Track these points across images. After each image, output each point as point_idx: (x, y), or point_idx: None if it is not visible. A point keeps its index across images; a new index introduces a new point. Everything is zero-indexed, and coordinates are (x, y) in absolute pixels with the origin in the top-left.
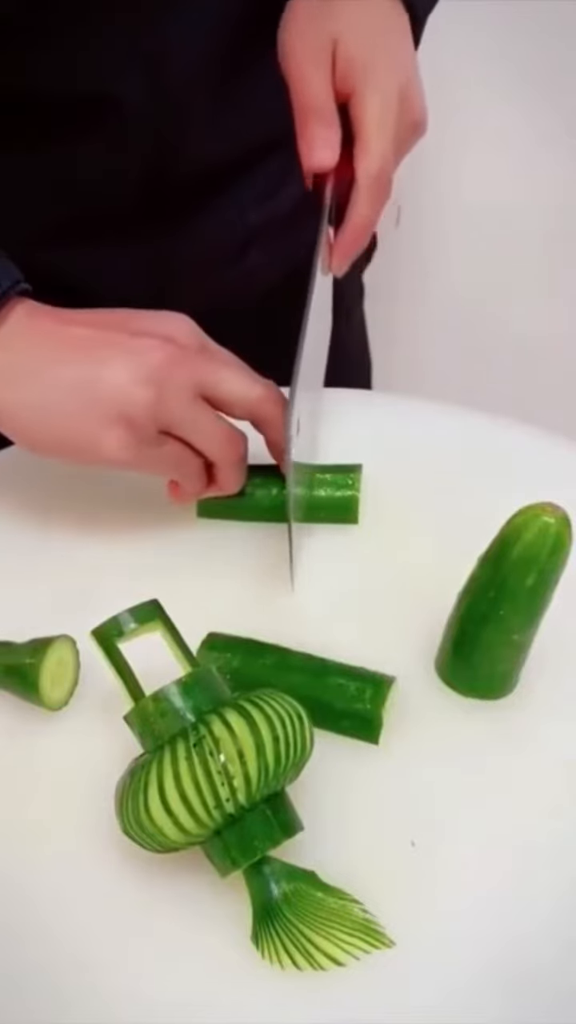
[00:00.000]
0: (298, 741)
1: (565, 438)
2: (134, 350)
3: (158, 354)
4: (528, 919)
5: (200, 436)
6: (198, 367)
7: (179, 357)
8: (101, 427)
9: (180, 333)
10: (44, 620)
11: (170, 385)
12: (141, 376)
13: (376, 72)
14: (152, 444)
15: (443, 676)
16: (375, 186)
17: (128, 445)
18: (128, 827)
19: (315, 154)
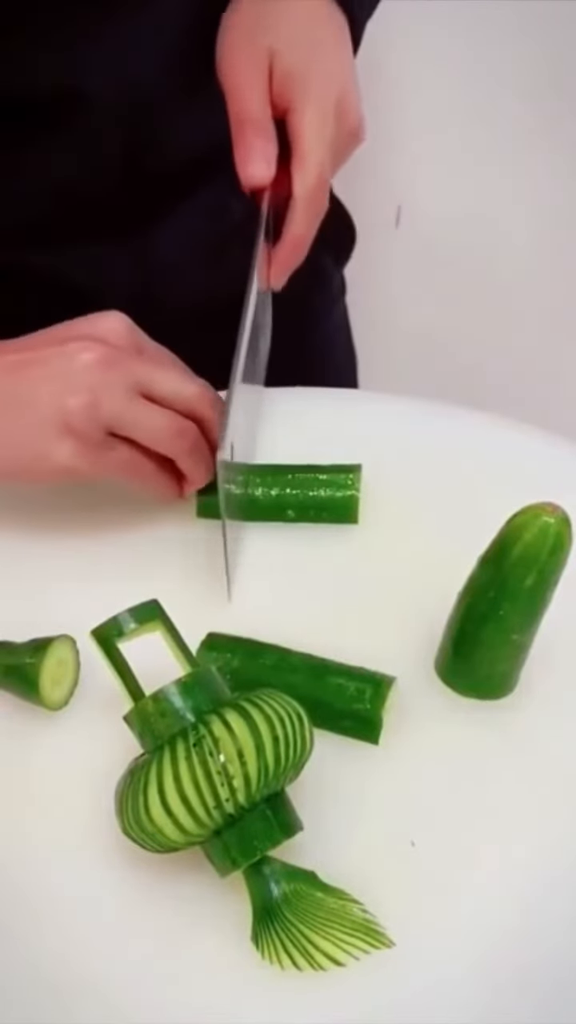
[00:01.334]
0: (298, 741)
1: (565, 438)
2: (64, 356)
3: (87, 356)
4: (528, 918)
5: (144, 432)
6: (130, 366)
7: (110, 357)
8: (49, 443)
9: (112, 333)
10: (44, 620)
11: (104, 386)
12: (73, 384)
13: (312, 85)
14: (104, 447)
15: (443, 676)
16: (311, 200)
17: (79, 453)
18: (128, 827)
19: (251, 169)
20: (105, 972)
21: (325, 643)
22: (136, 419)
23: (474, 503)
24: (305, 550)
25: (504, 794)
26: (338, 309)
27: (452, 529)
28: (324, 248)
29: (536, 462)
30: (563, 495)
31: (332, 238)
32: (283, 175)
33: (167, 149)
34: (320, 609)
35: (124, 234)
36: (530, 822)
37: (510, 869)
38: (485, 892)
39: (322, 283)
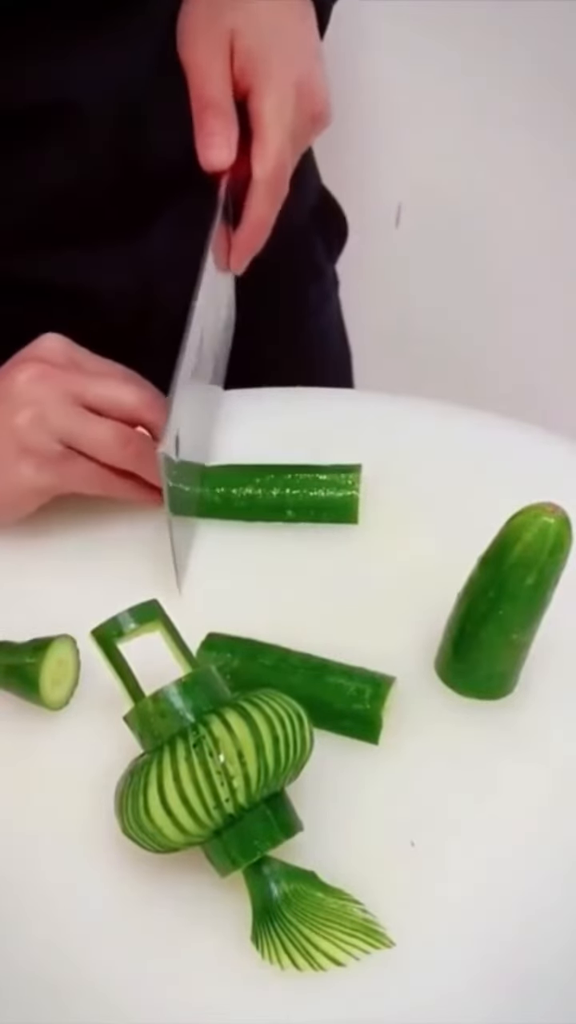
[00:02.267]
0: (298, 741)
1: (565, 438)
2: (6, 379)
3: (24, 374)
4: (527, 918)
5: (88, 443)
6: (66, 378)
7: (46, 372)
8: (11, 467)
9: (48, 352)
10: (44, 620)
11: (43, 400)
12: (16, 403)
13: (272, 66)
14: (64, 461)
15: (443, 676)
16: (272, 184)
17: (41, 468)
18: (128, 827)
19: (211, 153)
20: (105, 972)
21: (325, 643)
22: (80, 430)
23: (474, 503)
24: (305, 550)
25: (504, 794)
26: (332, 304)
27: (452, 529)
28: (317, 241)
29: (536, 462)
30: (563, 495)
31: (324, 230)
32: (244, 157)
33: (161, 151)
34: (320, 609)
35: (122, 237)
36: (531, 822)
37: (510, 869)
38: (485, 892)
39: (315, 276)
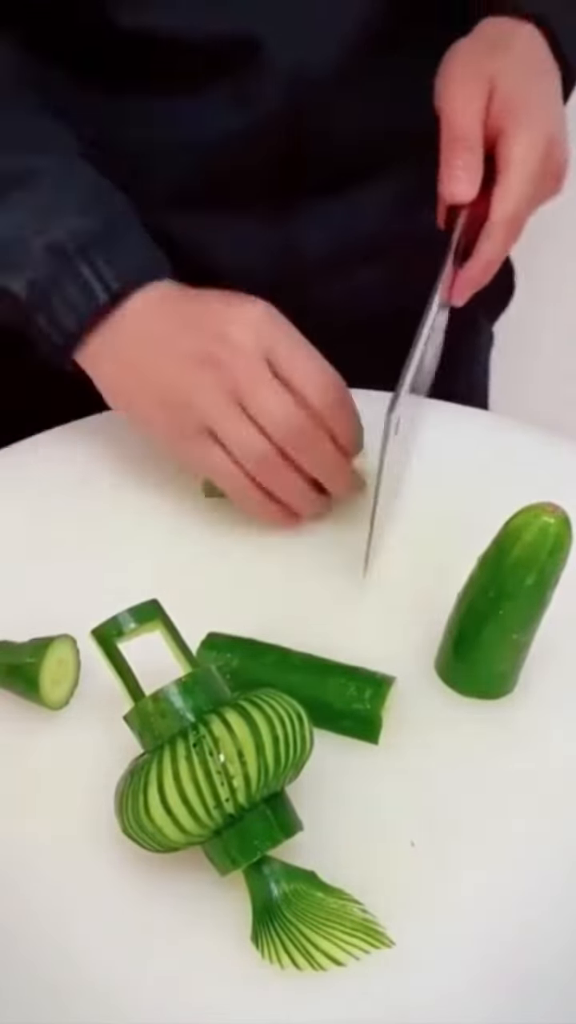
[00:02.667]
0: (298, 741)
1: (566, 439)
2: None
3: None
4: (527, 918)
5: (229, 441)
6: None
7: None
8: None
9: (236, 328)
10: (44, 620)
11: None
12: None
13: (529, 114)
14: (203, 443)
15: (443, 676)
16: (509, 226)
17: (170, 432)
18: (128, 827)
19: (454, 185)
20: (104, 971)
21: (325, 643)
22: (224, 426)
23: (474, 503)
24: (305, 550)
25: (504, 794)
26: (479, 363)
27: (452, 529)
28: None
29: (537, 462)
30: (563, 495)
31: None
32: (481, 200)
33: (335, 133)
34: (320, 608)
35: (275, 216)
36: (531, 822)
37: (511, 869)
38: (485, 892)
39: (470, 334)
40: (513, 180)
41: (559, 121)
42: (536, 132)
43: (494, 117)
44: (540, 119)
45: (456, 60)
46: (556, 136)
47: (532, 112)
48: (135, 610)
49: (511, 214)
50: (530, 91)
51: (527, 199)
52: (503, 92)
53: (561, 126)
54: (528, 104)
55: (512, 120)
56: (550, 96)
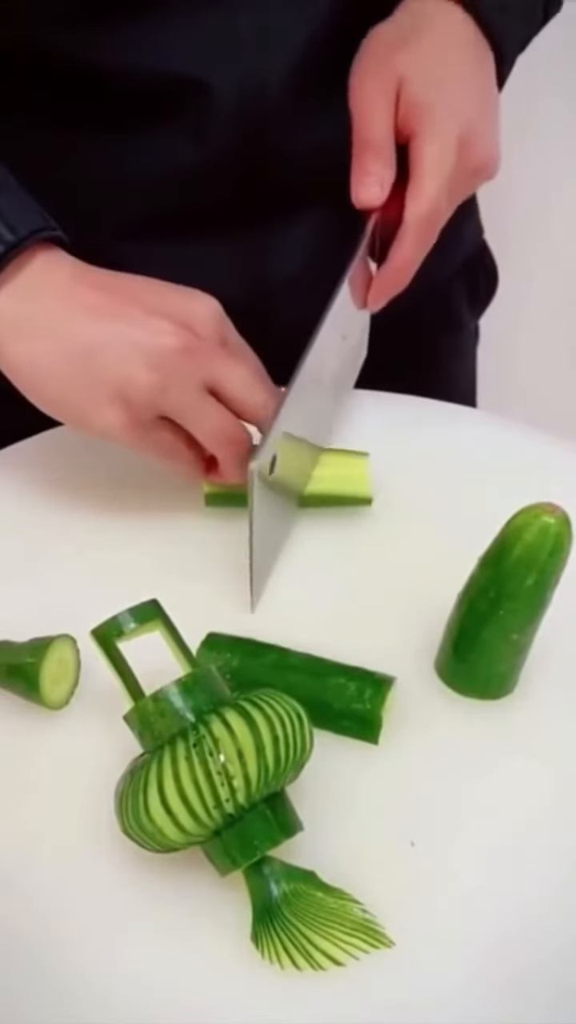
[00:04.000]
0: (298, 741)
1: (565, 438)
2: (147, 330)
3: (169, 340)
4: (527, 918)
5: (201, 430)
6: (208, 361)
7: (191, 347)
8: (97, 402)
9: (199, 320)
10: (44, 619)
11: (175, 374)
12: (145, 360)
13: (436, 116)
14: (148, 428)
15: (443, 676)
16: (422, 230)
17: (123, 425)
18: (128, 827)
19: (363, 191)
20: (104, 971)
21: (325, 643)
22: (198, 415)
23: (474, 503)
24: (306, 550)
25: (504, 794)
26: (465, 358)
27: (452, 529)
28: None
29: (537, 462)
30: (563, 495)
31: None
32: (398, 199)
33: (289, 155)
34: (321, 608)
35: (237, 244)
36: (531, 822)
37: (511, 869)
38: (485, 892)
39: (452, 327)
40: (424, 183)
41: (479, 113)
42: (447, 131)
43: (403, 120)
44: (450, 118)
45: (367, 55)
46: (474, 131)
47: (442, 113)
48: (135, 610)
49: (423, 215)
50: (440, 89)
51: (441, 201)
52: (411, 91)
53: (483, 116)
54: (437, 105)
55: (420, 121)
56: (467, 88)
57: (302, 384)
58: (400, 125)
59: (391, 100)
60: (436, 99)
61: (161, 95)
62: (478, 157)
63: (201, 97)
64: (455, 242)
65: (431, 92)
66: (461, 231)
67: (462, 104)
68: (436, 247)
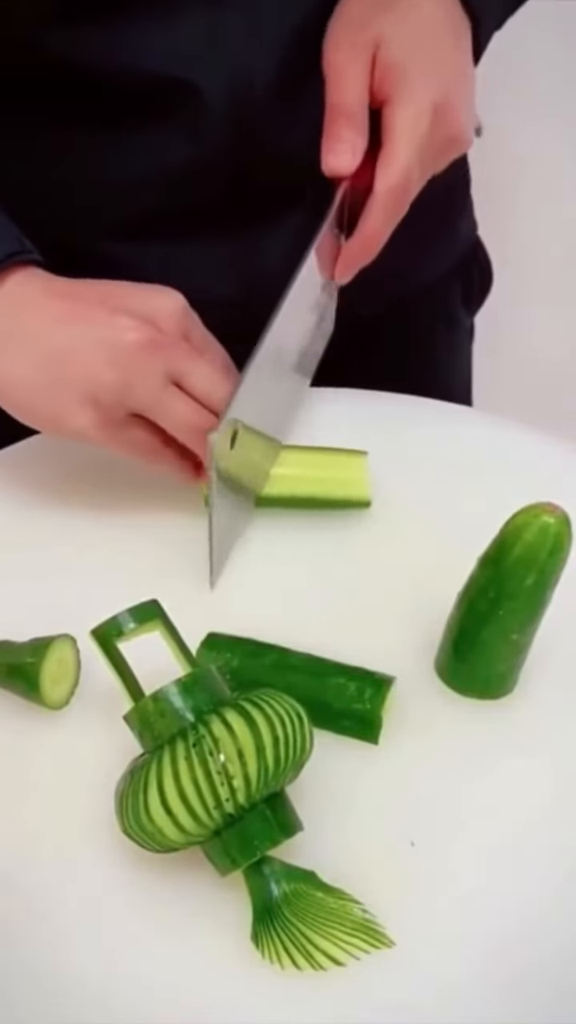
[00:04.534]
0: (298, 741)
1: (565, 438)
2: (111, 328)
3: (131, 335)
4: (527, 918)
5: (169, 422)
6: (171, 355)
7: (155, 342)
8: (70, 405)
9: (162, 315)
10: (44, 619)
11: (139, 369)
12: (109, 358)
13: (412, 81)
14: (120, 427)
15: (443, 676)
16: (392, 199)
17: (96, 425)
18: (128, 827)
19: (334, 158)
20: (104, 971)
21: (325, 643)
22: (165, 409)
23: (474, 503)
24: (305, 550)
25: (504, 794)
26: (460, 355)
27: (452, 529)
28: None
29: (536, 462)
30: (563, 495)
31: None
32: (370, 167)
33: (282, 153)
34: (321, 608)
35: (233, 241)
36: (531, 822)
37: (511, 869)
38: (485, 892)
39: (447, 324)
40: (397, 151)
41: (453, 81)
42: (421, 100)
43: (378, 84)
44: (426, 85)
45: (341, 21)
46: (449, 99)
47: (417, 78)
48: (135, 610)
49: (393, 184)
50: (417, 54)
51: (413, 170)
52: (386, 58)
53: (458, 87)
54: (413, 69)
55: (395, 88)
56: (443, 56)
57: (266, 357)
58: (375, 89)
59: (366, 65)
60: (412, 64)
61: (152, 95)
62: (453, 127)
63: (192, 96)
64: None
65: (407, 56)
66: (456, 227)
67: (439, 71)
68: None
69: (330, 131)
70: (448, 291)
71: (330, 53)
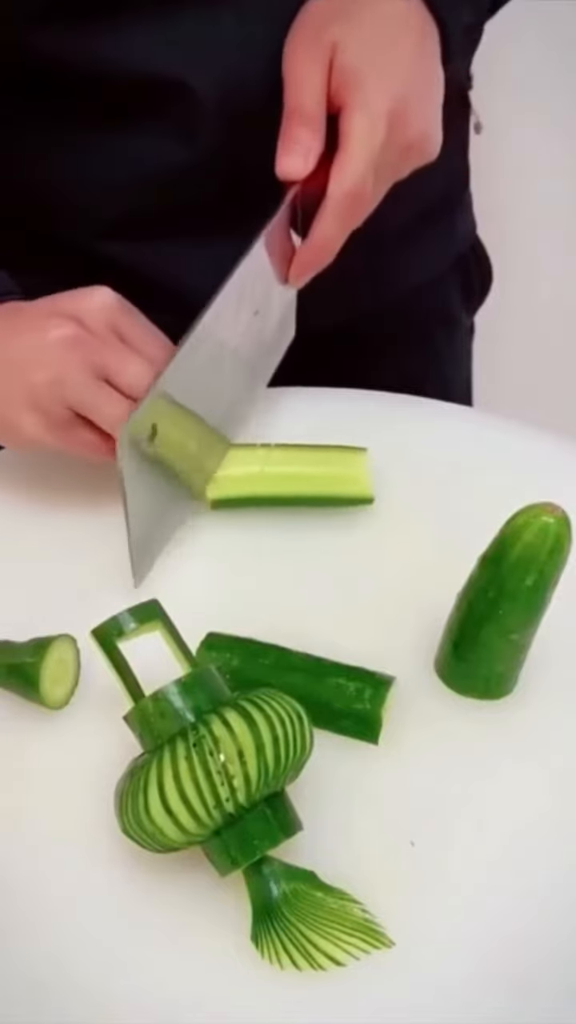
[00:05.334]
0: (298, 741)
1: (565, 438)
2: (37, 330)
3: (54, 333)
4: (527, 918)
5: (101, 417)
6: (97, 350)
7: (77, 337)
8: (18, 414)
9: (89, 313)
10: (44, 620)
11: (65, 365)
12: (40, 357)
13: (367, 88)
14: (67, 428)
15: (443, 676)
16: (344, 206)
17: (46, 429)
18: (128, 827)
19: (287, 161)
20: (104, 971)
21: (325, 643)
22: (94, 404)
23: (474, 503)
24: (305, 550)
25: (504, 794)
26: (460, 355)
27: (452, 529)
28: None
29: (536, 462)
30: (563, 495)
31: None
32: (326, 171)
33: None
34: (320, 609)
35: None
36: (531, 822)
37: (510, 869)
38: (485, 891)
39: (449, 326)
40: (351, 157)
41: (413, 88)
42: (376, 106)
43: (334, 90)
44: (382, 90)
45: (301, 25)
46: (407, 105)
47: (373, 84)
48: (135, 610)
49: (345, 191)
50: (374, 59)
51: (366, 177)
52: (343, 62)
53: (418, 92)
54: (369, 75)
55: (351, 94)
56: (402, 61)
57: (191, 351)
58: (332, 95)
59: (324, 69)
60: (368, 69)
61: (144, 95)
62: (411, 133)
63: (184, 97)
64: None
65: (364, 62)
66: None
67: (396, 76)
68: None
69: (285, 135)
70: (447, 290)
71: (289, 57)
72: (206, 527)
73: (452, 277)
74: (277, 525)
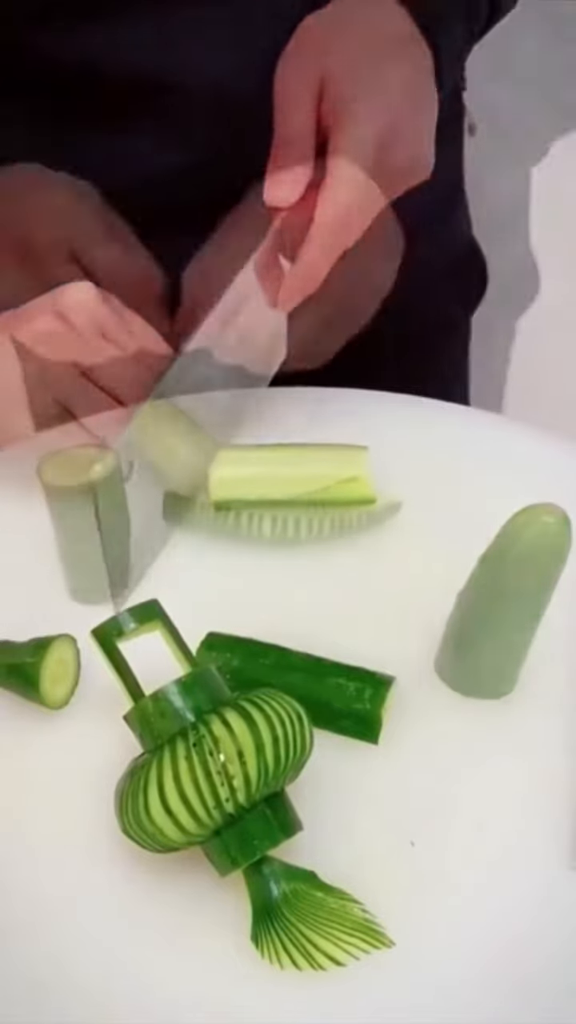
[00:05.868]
0: (298, 741)
1: (565, 438)
2: (22, 330)
3: (35, 326)
4: (527, 918)
5: (82, 414)
6: (76, 345)
7: (56, 333)
8: (10, 414)
9: (70, 309)
10: (45, 619)
11: (46, 357)
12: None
13: (357, 116)
14: (54, 422)
15: (443, 676)
16: (330, 233)
17: (40, 424)
18: (128, 827)
19: (274, 190)
20: (103, 971)
21: (325, 643)
22: (76, 400)
23: (474, 503)
24: (305, 550)
25: (504, 794)
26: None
27: (452, 529)
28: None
29: (536, 462)
30: (563, 495)
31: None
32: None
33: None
34: (320, 608)
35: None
36: (531, 822)
37: (511, 869)
38: (485, 892)
39: (445, 327)
40: (335, 186)
41: (405, 111)
42: (364, 132)
43: (324, 115)
44: (370, 119)
45: (295, 48)
46: (397, 130)
47: (361, 113)
48: (135, 610)
49: (331, 219)
50: (364, 89)
51: (353, 206)
52: (332, 93)
53: (410, 115)
54: (358, 100)
55: (339, 120)
56: (394, 87)
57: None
58: (322, 122)
59: (314, 95)
60: (357, 95)
61: (142, 96)
62: (401, 158)
63: (182, 98)
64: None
65: (353, 87)
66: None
67: (386, 102)
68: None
69: (273, 163)
70: (444, 291)
71: (279, 81)
72: (206, 527)
73: (449, 278)
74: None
